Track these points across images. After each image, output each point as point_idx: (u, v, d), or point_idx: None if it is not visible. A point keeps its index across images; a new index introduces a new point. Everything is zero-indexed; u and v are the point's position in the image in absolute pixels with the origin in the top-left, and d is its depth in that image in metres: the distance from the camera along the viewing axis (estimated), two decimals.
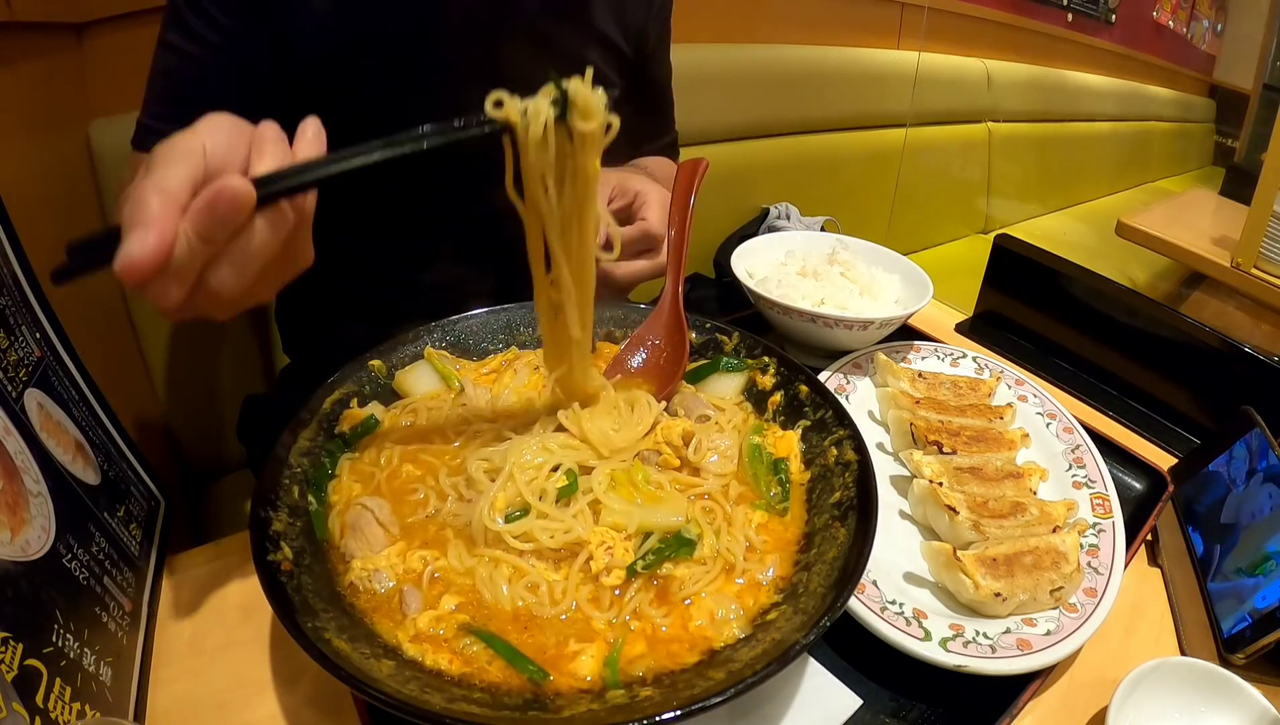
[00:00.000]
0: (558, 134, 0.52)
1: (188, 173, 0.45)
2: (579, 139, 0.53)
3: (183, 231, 0.44)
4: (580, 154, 0.54)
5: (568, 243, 0.57)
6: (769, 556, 0.58)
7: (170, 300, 0.45)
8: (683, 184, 0.82)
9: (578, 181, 0.55)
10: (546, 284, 0.60)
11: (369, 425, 0.67)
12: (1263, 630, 0.63)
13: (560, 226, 0.56)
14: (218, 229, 0.44)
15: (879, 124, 2.25)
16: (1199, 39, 3.62)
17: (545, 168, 0.54)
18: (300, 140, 0.52)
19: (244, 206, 0.45)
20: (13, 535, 0.46)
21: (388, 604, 0.53)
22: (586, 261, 0.59)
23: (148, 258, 0.42)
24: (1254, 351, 0.91)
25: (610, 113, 0.53)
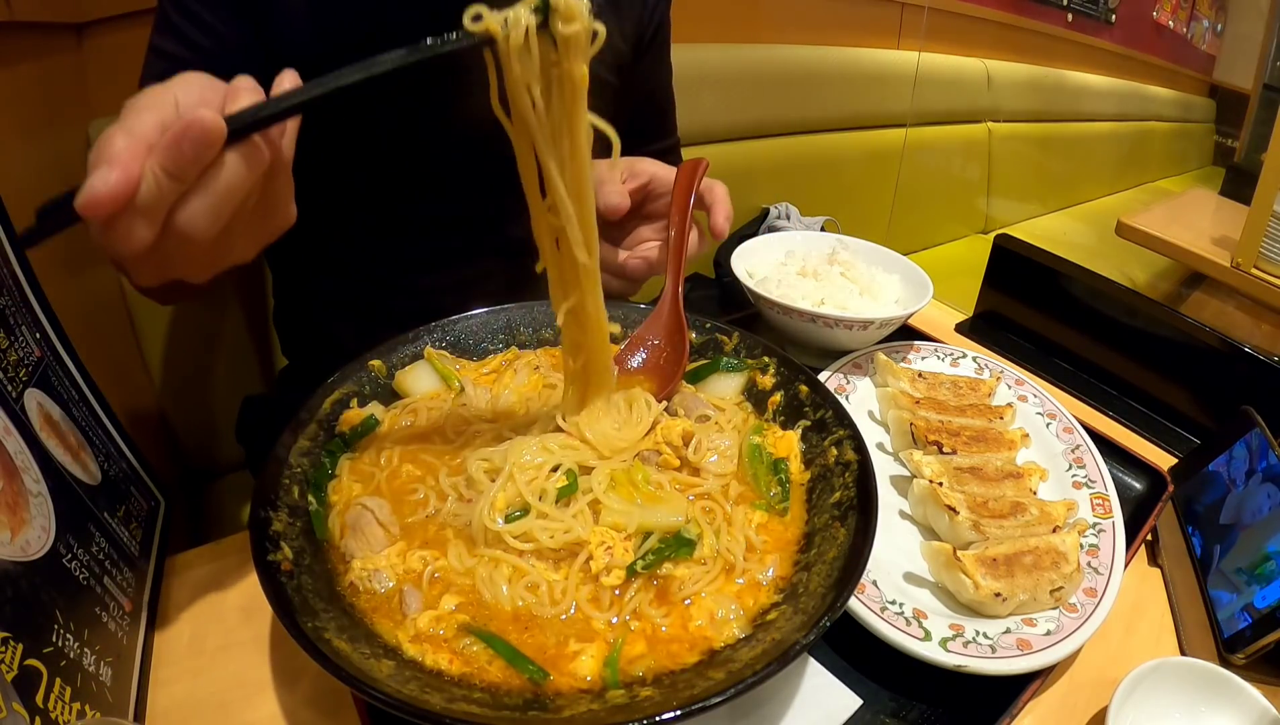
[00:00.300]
0: (541, 42, 0.50)
1: (157, 118, 0.44)
2: (563, 44, 0.50)
3: (150, 168, 0.42)
4: (566, 60, 0.51)
5: (560, 155, 0.54)
6: (769, 556, 0.58)
7: (136, 240, 0.43)
8: (683, 184, 0.82)
9: (565, 89, 0.52)
10: (544, 210, 0.57)
11: (369, 425, 0.67)
12: (1263, 630, 0.63)
13: (551, 138, 0.53)
14: (186, 163, 0.42)
15: (879, 124, 2.25)
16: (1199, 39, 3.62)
17: (530, 78, 0.51)
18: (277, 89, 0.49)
19: (214, 139, 0.42)
20: (13, 535, 0.46)
21: (388, 604, 0.53)
22: (583, 173, 0.55)
23: (110, 191, 0.40)
24: (1254, 351, 0.91)
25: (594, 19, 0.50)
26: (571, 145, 0.54)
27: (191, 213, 0.44)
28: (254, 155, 0.45)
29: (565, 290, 0.60)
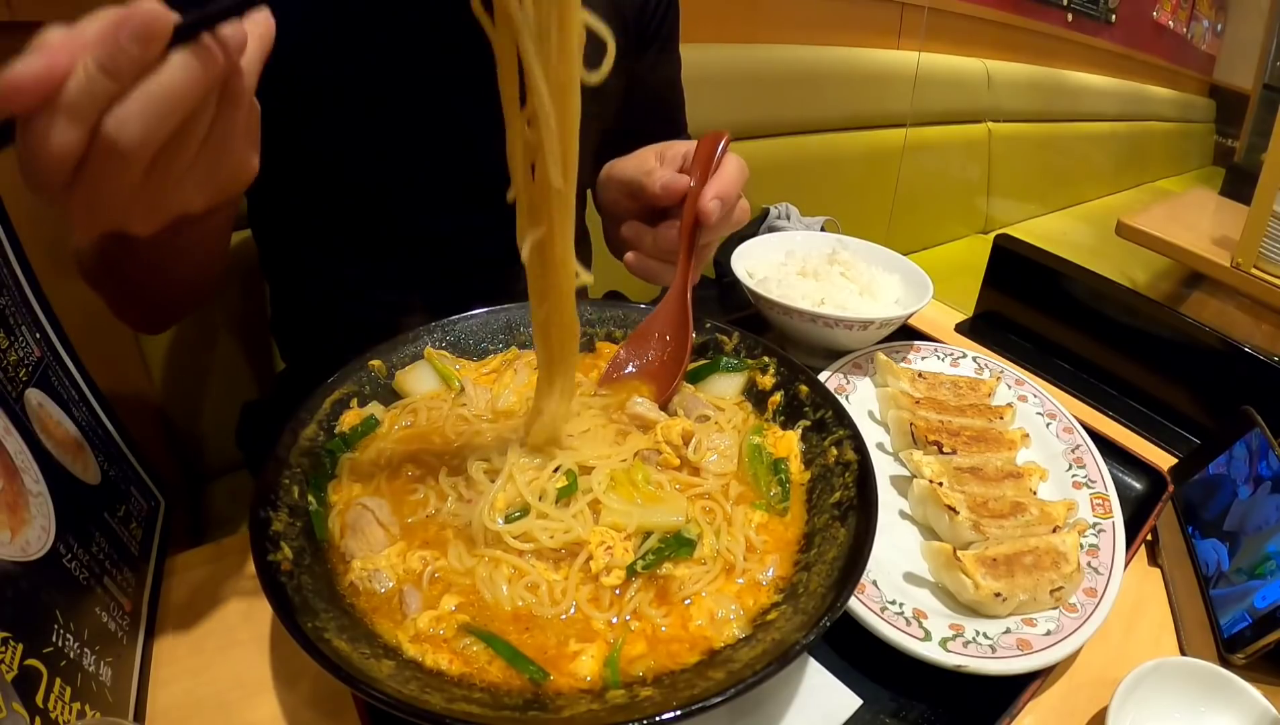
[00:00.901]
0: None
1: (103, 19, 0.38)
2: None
3: (82, 61, 0.36)
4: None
5: (546, 56, 0.46)
6: (769, 556, 0.58)
7: (57, 143, 0.37)
8: (702, 158, 0.75)
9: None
10: (521, 122, 0.49)
11: (369, 425, 0.67)
12: (1263, 630, 0.63)
13: (536, 35, 0.46)
14: (122, 56, 0.36)
15: (879, 124, 2.25)
16: (1199, 39, 3.63)
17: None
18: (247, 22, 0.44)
19: (156, 31, 0.37)
20: (13, 535, 0.46)
21: (388, 604, 0.53)
22: (570, 80, 0.48)
23: (32, 75, 0.35)
24: (1254, 351, 0.91)
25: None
26: (561, 42, 0.46)
27: (124, 116, 0.37)
28: (204, 60, 0.39)
29: (534, 219, 0.53)
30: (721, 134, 0.76)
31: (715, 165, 0.74)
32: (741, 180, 0.75)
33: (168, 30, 0.37)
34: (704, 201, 0.70)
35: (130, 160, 0.39)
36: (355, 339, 0.74)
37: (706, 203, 0.70)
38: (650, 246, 0.77)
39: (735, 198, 0.73)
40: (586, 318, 0.80)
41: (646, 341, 0.76)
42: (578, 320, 0.59)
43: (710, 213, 0.70)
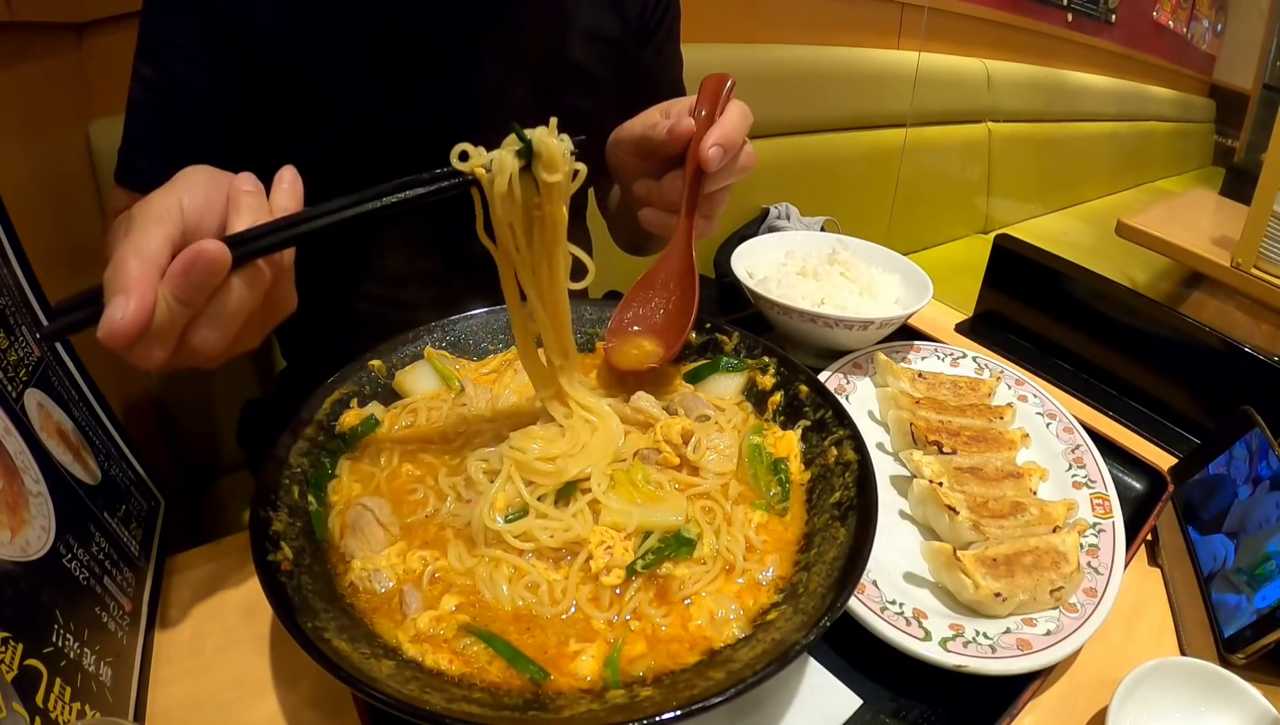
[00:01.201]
0: (524, 183, 0.54)
1: (165, 233, 0.47)
2: (546, 190, 0.55)
3: (162, 295, 0.45)
4: (547, 203, 0.56)
5: (539, 283, 0.60)
6: (769, 556, 0.58)
7: (154, 361, 0.47)
8: (707, 98, 0.72)
9: (545, 227, 0.57)
10: (524, 316, 0.62)
11: (369, 425, 0.67)
12: (1263, 630, 0.63)
13: (531, 268, 0.59)
14: (195, 292, 0.46)
15: (879, 124, 2.25)
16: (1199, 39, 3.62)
17: (513, 217, 0.56)
18: (276, 189, 0.53)
19: (220, 269, 0.46)
20: (13, 535, 0.46)
21: (388, 604, 0.53)
22: (560, 298, 0.61)
23: (129, 324, 0.43)
24: (1254, 351, 0.91)
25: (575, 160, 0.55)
26: (550, 274, 0.60)
27: (204, 335, 0.48)
28: (258, 277, 0.50)
29: (543, 384, 0.65)
30: (725, 76, 0.74)
31: (720, 108, 0.71)
32: (745, 125, 0.72)
33: (227, 265, 0.47)
34: (704, 149, 0.67)
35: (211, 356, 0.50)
36: (355, 337, 0.74)
37: (706, 150, 0.67)
38: (660, 199, 0.76)
39: (738, 144, 0.71)
40: (586, 318, 0.80)
41: (650, 293, 0.75)
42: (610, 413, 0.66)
43: (711, 160, 0.68)
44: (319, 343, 1.05)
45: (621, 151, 0.81)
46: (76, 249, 0.96)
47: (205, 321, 0.48)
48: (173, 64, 0.77)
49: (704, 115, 0.71)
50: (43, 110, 1.01)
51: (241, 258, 0.48)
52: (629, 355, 0.71)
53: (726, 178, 0.74)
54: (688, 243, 0.74)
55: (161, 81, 0.78)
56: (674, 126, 0.71)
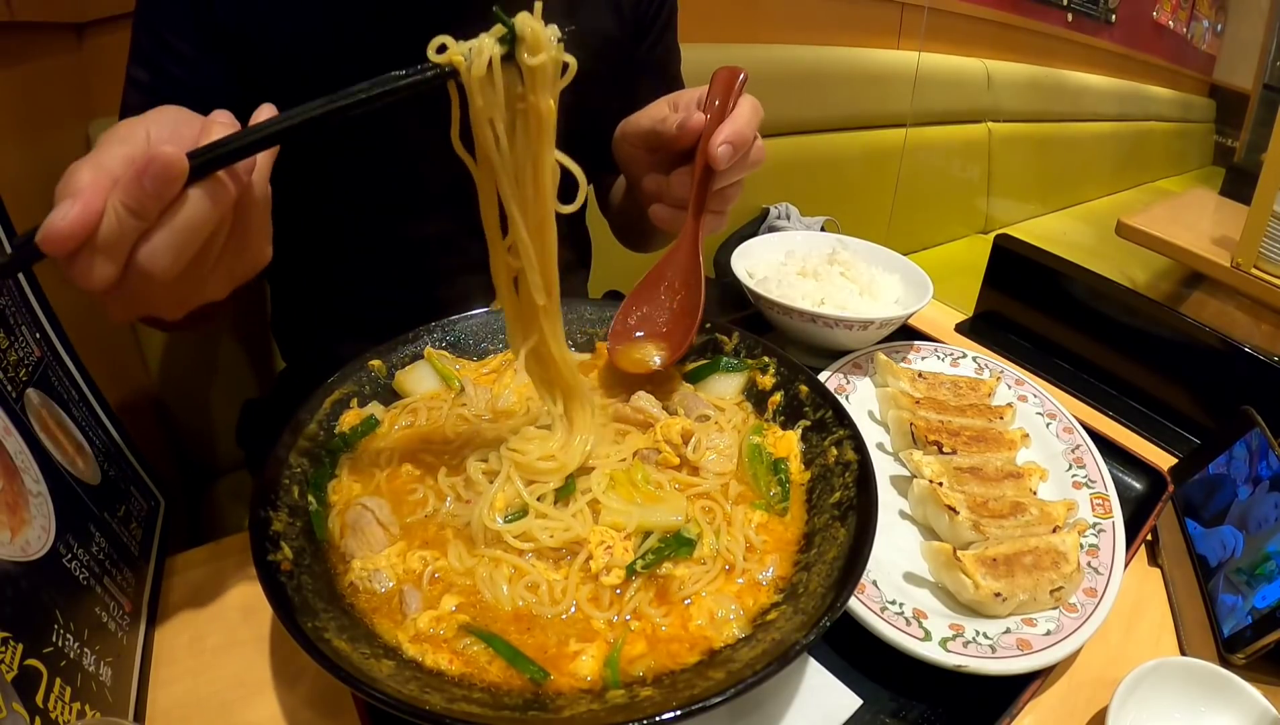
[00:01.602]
0: (507, 74, 0.49)
1: (125, 152, 0.44)
2: (529, 75, 0.49)
3: (111, 203, 0.41)
4: (532, 93, 0.50)
5: (523, 195, 0.53)
6: (769, 556, 0.58)
7: (98, 276, 0.42)
8: (718, 92, 0.70)
9: (530, 123, 0.51)
10: (503, 250, 0.56)
11: (369, 425, 0.67)
12: (1263, 630, 0.63)
13: (514, 176, 0.52)
14: (147, 199, 0.42)
15: (879, 124, 2.25)
16: (1199, 39, 3.62)
17: (494, 110, 0.50)
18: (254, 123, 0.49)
19: (175, 174, 0.42)
20: (13, 535, 0.46)
21: (388, 604, 0.53)
22: (546, 217, 0.54)
23: (69, 226, 0.40)
24: (1254, 351, 0.91)
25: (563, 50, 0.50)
26: (536, 185, 0.53)
27: (153, 250, 0.43)
28: (219, 192, 0.45)
29: (524, 331, 0.59)
30: (737, 70, 0.71)
31: (732, 103, 0.70)
32: (756, 121, 0.71)
33: (184, 172, 0.42)
34: (713, 146, 0.66)
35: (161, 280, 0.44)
36: (355, 338, 0.74)
37: (715, 148, 0.66)
38: (668, 195, 0.75)
39: (749, 141, 0.70)
40: (587, 317, 0.80)
41: (655, 292, 0.73)
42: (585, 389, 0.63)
43: (720, 158, 0.66)
44: (318, 344, 1.05)
45: (629, 145, 0.80)
46: None
47: (157, 235, 0.43)
48: (167, 66, 0.77)
49: (715, 109, 0.69)
50: (43, 110, 1.01)
51: (201, 167, 0.43)
52: (631, 358, 0.71)
53: (737, 173, 0.72)
54: (695, 241, 0.73)
55: (156, 85, 0.78)
56: (684, 121, 0.69)
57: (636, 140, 0.78)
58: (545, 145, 0.52)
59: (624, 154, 0.83)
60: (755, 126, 0.71)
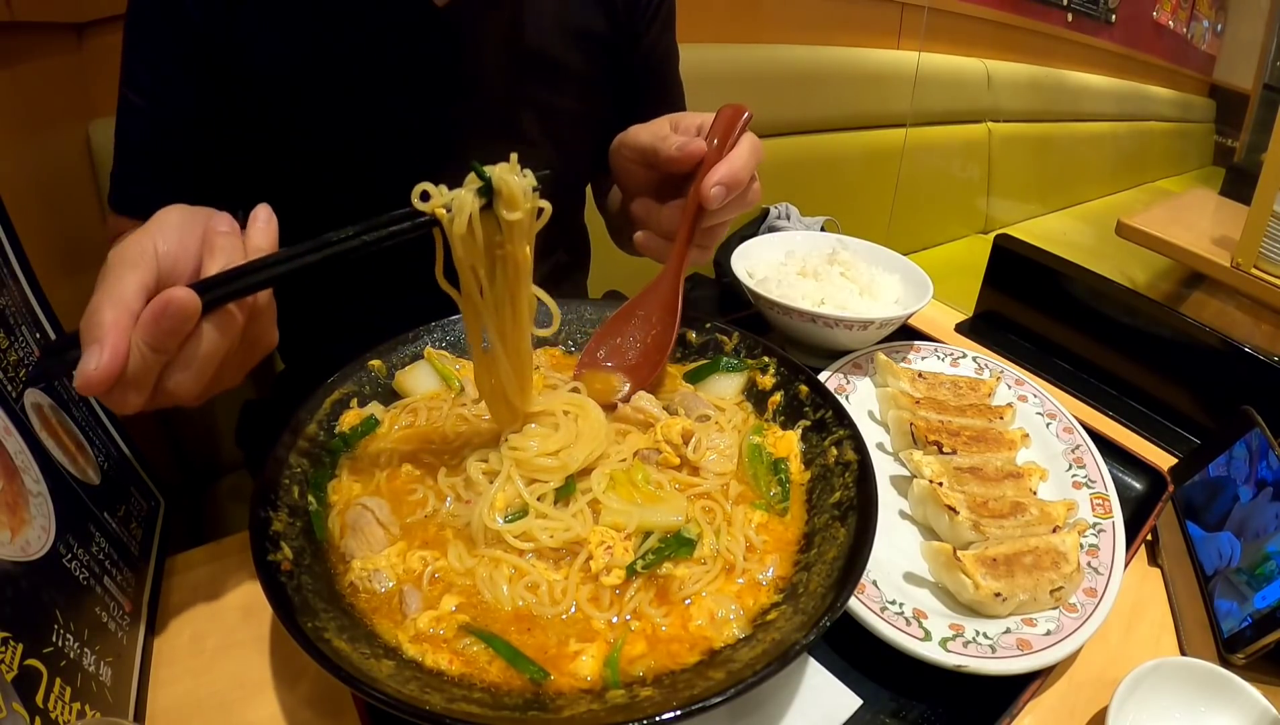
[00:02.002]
0: (485, 222, 0.53)
1: (139, 279, 0.48)
2: (507, 229, 0.54)
3: (135, 343, 0.46)
4: (509, 242, 0.55)
5: (502, 325, 0.59)
6: (769, 556, 0.58)
7: (131, 406, 0.48)
8: (719, 132, 0.70)
9: (509, 268, 0.56)
10: (486, 363, 0.61)
11: (369, 425, 0.67)
12: (1263, 630, 0.63)
13: (494, 310, 0.58)
14: (167, 339, 0.47)
15: (879, 124, 2.25)
16: (1199, 39, 3.62)
17: (475, 259, 0.55)
18: (252, 228, 0.54)
19: (189, 316, 0.47)
20: (13, 535, 0.46)
21: (388, 604, 0.53)
22: (522, 341, 0.60)
23: (103, 373, 0.45)
24: (1254, 351, 0.91)
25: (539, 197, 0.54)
26: (513, 316, 0.59)
27: (178, 381, 0.49)
28: (229, 322, 0.50)
29: (507, 424, 0.64)
30: (742, 108, 0.71)
31: (733, 142, 0.70)
32: (754, 163, 0.71)
33: (197, 312, 0.47)
34: (706, 187, 0.67)
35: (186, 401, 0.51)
36: (354, 339, 0.74)
37: (708, 189, 0.67)
38: (657, 225, 0.75)
39: (743, 183, 0.70)
40: (586, 318, 0.80)
41: (627, 325, 0.73)
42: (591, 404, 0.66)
43: (712, 199, 0.68)
44: (318, 345, 1.05)
45: (626, 159, 0.80)
46: (76, 249, 0.96)
47: (179, 367, 0.49)
48: (157, 90, 0.78)
49: (715, 145, 0.70)
50: (43, 110, 1.01)
51: (212, 303, 0.48)
52: (595, 388, 0.70)
53: (729, 213, 0.73)
54: (677, 276, 0.73)
55: (147, 107, 0.79)
56: (685, 146, 0.70)
57: (633, 154, 0.78)
58: (523, 285, 0.57)
59: (619, 165, 0.83)
60: (753, 168, 0.72)
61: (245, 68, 0.78)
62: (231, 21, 0.76)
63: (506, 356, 0.60)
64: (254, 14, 0.76)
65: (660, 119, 0.78)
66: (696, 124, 0.74)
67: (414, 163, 0.86)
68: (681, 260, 0.73)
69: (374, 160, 0.84)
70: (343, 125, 0.83)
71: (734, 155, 0.69)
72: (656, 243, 0.76)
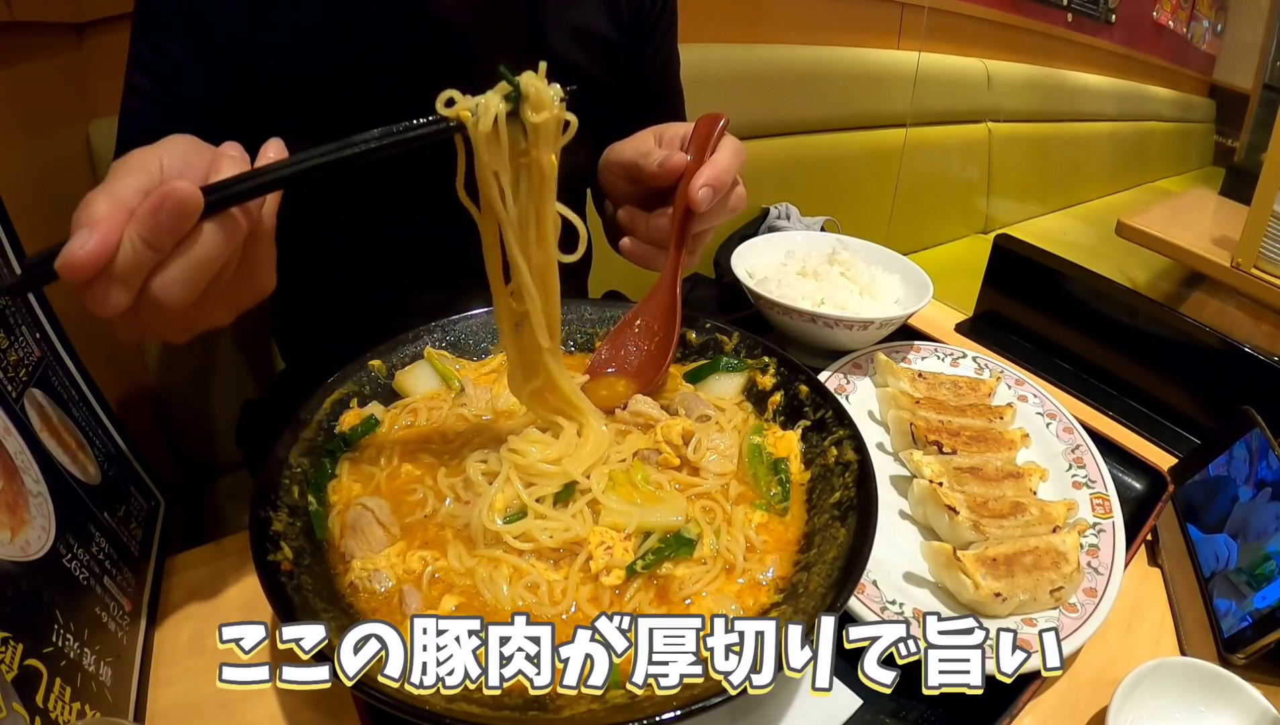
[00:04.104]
0: (511, 130, 0.51)
1: (140, 182, 0.45)
2: (533, 132, 0.52)
3: (128, 235, 0.43)
4: (535, 148, 0.52)
5: (526, 245, 0.56)
6: (769, 557, 0.58)
7: (112, 305, 0.44)
8: (699, 139, 0.73)
9: (534, 177, 0.54)
10: (506, 295, 0.58)
11: (369, 425, 0.67)
12: (1263, 630, 0.63)
13: (518, 228, 0.55)
14: (163, 233, 0.43)
15: (879, 124, 2.25)
16: (1199, 39, 3.62)
17: (499, 165, 0.52)
18: (262, 160, 0.52)
19: (190, 210, 0.44)
20: (13, 535, 0.46)
21: (387, 604, 0.53)
22: (549, 265, 0.57)
23: (87, 256, 0.42)
24: (1254, 351, 0.91)
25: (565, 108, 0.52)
26: (538, 233, 0.56)
27: (167, 281, 0.45)
28: (231, 227, 0.47)
29: (527, 373, 0.61)
30: (719, 115, 0.73)
31: (712, 148, 0.71)
32: (737, 165, 0.72)
33: (199, 208, 0.44)
34: (693, 190, 0.68)
35: (173, 310, 0.46)
36: (354, 339, 0.74)
37: (695, 191, 0.68)
38: (644, 233, 0.76)
39: (728, 185, 0.71)
40: (586, 318, 0.80)
41: (629, 334, 0.74)
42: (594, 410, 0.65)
43: (699, 201, 0.68)
44: (318, 344, 1.05)
45: (611, 174, 0.81)
46: None
47: (171, 267, 0.45)
48: (164, 74, 0.77)
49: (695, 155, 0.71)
50: (43, 110, 1.01)
51: (215, 204, 0.45)
52: (600, 395, 0.70)
53: (715, 218, 0.74)
54: (674, 281, 0.74)
55: (154, 92, 0.78)
56: (665, 161, 0.71)
57: (618, 170, 0.79)
58: (547, 198, 0.55)
59: (605, 180, 0.84)
60: (736, 170, 0.72)
61: (248, 59, 0.78)
62: (237, 12, 0.76)
63: (533, 280, 0.57)
64: (260, 6, 0.76)
65: (644, 132, 0.79)
66: (680, 135, 0.76)
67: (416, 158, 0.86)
68: (676, 267, 0.73)
69: (376, 175, 0.84)
70: (343, 119, 0.82)
71: (716, 158, 0.71)
72: (643, 249, 0.77)
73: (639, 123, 0.84)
